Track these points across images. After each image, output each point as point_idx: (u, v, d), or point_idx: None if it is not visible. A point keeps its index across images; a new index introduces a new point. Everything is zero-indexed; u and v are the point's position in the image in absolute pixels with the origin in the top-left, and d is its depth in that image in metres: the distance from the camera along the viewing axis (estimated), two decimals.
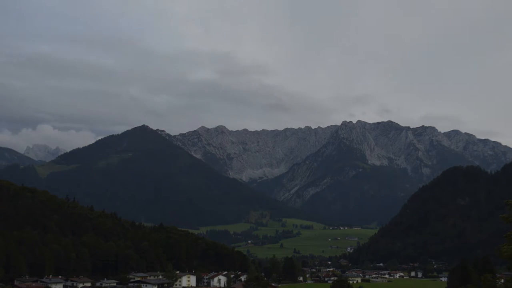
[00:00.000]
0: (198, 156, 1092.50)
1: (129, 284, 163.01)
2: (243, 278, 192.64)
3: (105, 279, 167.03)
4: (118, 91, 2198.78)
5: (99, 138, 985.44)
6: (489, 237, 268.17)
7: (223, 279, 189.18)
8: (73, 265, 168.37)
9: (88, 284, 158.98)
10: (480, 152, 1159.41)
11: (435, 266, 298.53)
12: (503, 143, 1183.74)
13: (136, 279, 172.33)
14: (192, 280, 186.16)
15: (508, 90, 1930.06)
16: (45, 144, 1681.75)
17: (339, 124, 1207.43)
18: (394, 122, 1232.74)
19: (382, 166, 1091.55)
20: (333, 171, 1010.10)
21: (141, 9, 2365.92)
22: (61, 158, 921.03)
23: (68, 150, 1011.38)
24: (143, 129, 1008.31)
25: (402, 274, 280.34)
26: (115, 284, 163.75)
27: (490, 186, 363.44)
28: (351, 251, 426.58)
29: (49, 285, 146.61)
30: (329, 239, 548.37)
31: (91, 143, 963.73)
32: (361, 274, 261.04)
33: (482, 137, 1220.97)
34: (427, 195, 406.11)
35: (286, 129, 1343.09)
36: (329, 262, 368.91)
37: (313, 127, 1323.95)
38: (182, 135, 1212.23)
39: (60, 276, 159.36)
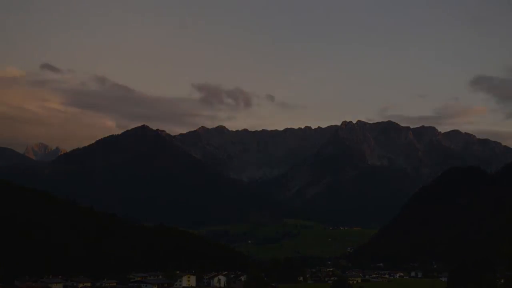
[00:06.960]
0: (198, 156, 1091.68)
1: (129, 284, 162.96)
2: (243, 278, 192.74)
3: (105, 279, 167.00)
4: None
5: (99, 138, 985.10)
6: (489, 237, 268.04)
7: (223, 279, 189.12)
8: (73, 265, 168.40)
9: (88, 284, 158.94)
10: (480, 152, 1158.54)
11: (435, 266, 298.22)
12: (503, 143, 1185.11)
13: (136, 279, 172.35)
14: (192, 280, 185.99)
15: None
16: (45, 144, 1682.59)
17: (339, 124, 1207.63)
18: (394, 122, 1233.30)
19: (382, 166, 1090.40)
20: (333, 171, 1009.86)
21: None
22: (61, 158, 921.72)
23: (68, 150, 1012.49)
24: (143, 129, 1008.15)
25: (402, 274, 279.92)
26: (115, 284, 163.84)
27: (490, 186, 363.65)
28: (351, 251, 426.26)
29: (49, 285, 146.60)
30: (329, 239, 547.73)
31: (91, 143, 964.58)
32: (361, 274, 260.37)
33: (482, 137, 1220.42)
34: (427, 195, 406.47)
35: (286, 129, 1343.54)
36: (329, 262, 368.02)
37: (313, 127, 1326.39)
38: (182, 135, 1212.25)
39: (60, 276, 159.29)
